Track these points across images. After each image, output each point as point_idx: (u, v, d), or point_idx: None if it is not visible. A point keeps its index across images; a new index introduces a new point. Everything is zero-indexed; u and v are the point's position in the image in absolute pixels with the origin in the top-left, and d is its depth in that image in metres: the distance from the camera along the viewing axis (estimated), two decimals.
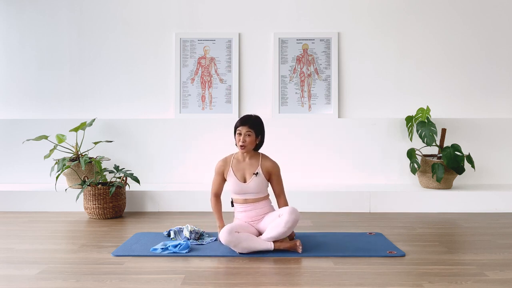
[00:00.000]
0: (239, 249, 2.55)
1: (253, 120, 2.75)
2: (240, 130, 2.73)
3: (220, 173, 2.82)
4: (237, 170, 2.77)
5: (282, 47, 4.51)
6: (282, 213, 2.62)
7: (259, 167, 2.75)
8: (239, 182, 2.74)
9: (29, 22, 4.56)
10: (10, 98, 4.59)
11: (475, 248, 2.74)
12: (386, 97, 4.51)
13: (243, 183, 2.74)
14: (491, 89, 4.50)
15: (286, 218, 2.56)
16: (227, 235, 2.52)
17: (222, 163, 2.82)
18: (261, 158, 2.79)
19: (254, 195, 2.75)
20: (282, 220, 2.57)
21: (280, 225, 2.56)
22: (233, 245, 2.54)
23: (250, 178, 2.73)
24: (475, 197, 3.87)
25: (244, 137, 2.72)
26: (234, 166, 2.78)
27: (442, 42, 4.49)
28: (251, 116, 2.77)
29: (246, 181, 2.74)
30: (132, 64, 4.56)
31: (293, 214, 2.58)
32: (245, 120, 2.75)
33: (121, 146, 4.44)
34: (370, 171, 4.40)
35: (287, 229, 2.56)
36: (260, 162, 2.77)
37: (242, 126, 2.73)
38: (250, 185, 2.73)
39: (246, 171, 2.76)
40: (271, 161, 2.80)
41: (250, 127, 2.71)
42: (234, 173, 2.76)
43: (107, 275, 2.24)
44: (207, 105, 4.53)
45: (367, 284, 2.11)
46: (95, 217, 3.62)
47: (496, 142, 4.41)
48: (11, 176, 4.47)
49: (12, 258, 2.55)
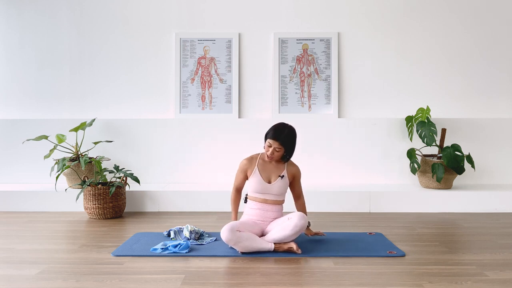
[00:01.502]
0: (239, 248, 2.55)
1: (286, 136, 2.69)
2: (270, 143, 2.69)
3: (243, 171, 2.81)
4: (263, 170, 2.77)
5: (282, 47, 4.51)
6: (291, 217, 2.63)
7: (285, 170, 2.78)
8: (263, 182, 2.74)
9: (29, 22, 4.56)
10: (10, 98, 4.59)
11: (475, 248, 2.74)
12: (386, 97, 4.51)
13: (268, 183, 2.75)
14: (491, 89, 4.50)
15: (295, 222, 2.57)
16: (228, 233, 2.52)
17: (247, 162, 2.81)
18: (287, 162, 2.82)
19: (274, 197, 2.77)
20: (291, 224, 2.58)
21: (288, 228, 2.57)
22: (233, 243, 2.54)
23: (275, 180, 2.75)
24: (475, 197, 3.87)
25: (273, 151, 2.70)
26: (260, 165, 2.78)
27: (442, 42, 4.49)
28: (285, 131, 2.69)
29: (271, 182, 2.76)
30: (132, 64, 4.56)
31: (303, 220, 2.59)
32: (278, 135, 2.67)
33: (121, 146, 4.44)
34: (370, 171, 4.40)
35: (293, 233, 2.57)
36: (286, 165, 2.80)
37: (273, 141, 2.68)
38: (274, 187, 2.74)
39: (272, 172, 2.77)
40: (295, 166, 2.84)
41: (281, 144, 2.68)
42: (260, 173, 2.76)
43: (107, 275, 2.24)
44: (207, 105, 4.53)
45: (367, 284, 2.11)
46: (95, 217, 3.62)
47: (496, 142, 4.41)
48: (11, 176, 4.47)
49: (12, 258, 2.55)
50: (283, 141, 2.68)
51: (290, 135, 2.72)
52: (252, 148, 4.38)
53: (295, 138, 2.76)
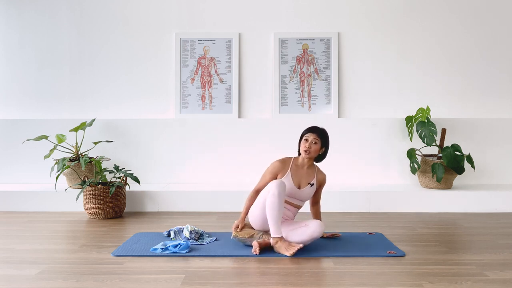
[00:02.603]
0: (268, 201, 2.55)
1: (321, 130, 2.80)
2: (307, 137, 2.76)
3: (274, 173, 2.77)
4: (295, 174, 2.77)
5: (282, 47, 4.51)
6: (308, 224, 2.63)
7: (314, 178, 2.80)
8: (294, 186, 2.75)
9: (29, 22, 4.56)
10: (10, 98, 4.59)
11: (475, 248, 2.74)
12: (386, 97, 4.51)
13: (297, 189, 2.76)
14: (491, 89, 4.50)
15: (313, 229, 2.59)
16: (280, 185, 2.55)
17: (281, 164, 2.78)
18: (316, 170, 2.84)
19: (298, 202, 2.79)
20: (308, 231, 2.59)
21: (305, 234, 2.59)
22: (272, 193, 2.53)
23: (305, 186, 2.77)
24: (475, 197, 3.87)
25: (310, 144, 2.74)
26: (293, 170, 2.78)
27: (442, 42, 4.49)
28: (319, 127, 2.81)
29: (300, 188, 2.76)
30: (132, 64, 4.56)
31: (321, 227, 2.60)
32: (314, 128, 2.79)
33: (121, 146, 4.44)
34: (370, 171, 4.40)
35: (310, 239, 2.59)
36: (316, 173, 2.82)
37: (310, 133, 2.77)
38: (302, 193, 2.76)
39: (303, 178, 2.78)
40: (324, 174, 2.87)
41: (318, 135, 2.76)
42: (292, 177, 2.76)
43: (107, 275, 2.24)
44: (207, 105, 4.53)
45: (367, 284, 2.10)
46: (95, 217, 3.62)
47: (496, 142, 4.41)
48: (11, 176, 4.47)
49: (12, 258, 2.55)
50: (319, 133, 2.76)
51: (325, 131, 2.82)
52: (252, 148, 4.42)
53: (329, 137, 2.84)
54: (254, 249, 2.57)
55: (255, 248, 2.56)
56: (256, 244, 2.57)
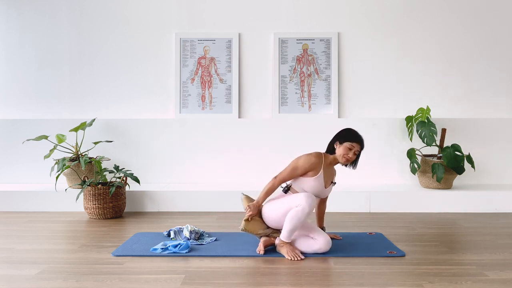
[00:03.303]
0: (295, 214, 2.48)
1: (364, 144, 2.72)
2: (353, 146, 2.66)
3: (307, 170, 2.65)
4: (325, 174, 2.73)
5: (282, 47, 4.51)
6: (317, 239, 2.59)
7: (335, 176, 2.82)
8: (323, 186, 2.71)
9: (29, 22, 4.56)
10: (10, 98, 4.59)
11: (475, 248, 2.74)
12: (386, 97, 4.51)
13: (324, 188, 2.74)
14: (491, 89, 4.50)
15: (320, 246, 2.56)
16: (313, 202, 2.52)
17: (318, 162, 2.66)
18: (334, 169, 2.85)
19: (318, 200, 2.83)
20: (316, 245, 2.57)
21: (311, 248, 2.57)
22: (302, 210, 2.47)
23: (329, 185, 2.77)
24: (475, 197, 3.87)
25: (353, 154, 2.67)
26: (324, 169, 2.72)
27: (442, 42, 4.49)
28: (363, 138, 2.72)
29: (326, 187, 2.75)
30: (132, 64, 4.56)
31: (328, 246, 2.58)
32: (360, 140, 2.69)
33: (121, 146, 4.44)
34: (370, 171, 4.40)
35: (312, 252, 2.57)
36: (335, 172, 2.83)
37: (356, 144, 2.66)
38: (327, 191, 2.77)
39: (329, 178, 2.76)
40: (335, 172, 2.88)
41: (362, 149, 2.71)
42: (324, 177, 2.71)
43: (107, 275, 2.24)
44: (207, 105, 4.53)
45: (367, 284, 2.10)
46: (95, 217, 3.62)
47: (496, 142, 4.41)
48: (11, 176, 4.47)
49: (12, 258, 2.55)
50: (363, 147, 2.71)
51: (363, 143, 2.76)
52: (252, 148, 4.42)
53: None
54: (258, 249, 2.57)
55: (260, 248, 2.57)
56: (261, 245, 2.58)
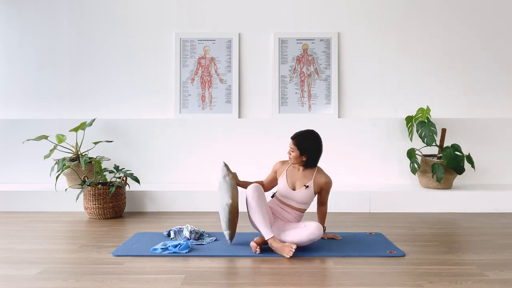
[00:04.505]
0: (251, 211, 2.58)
1: (301, 137, 2.71)
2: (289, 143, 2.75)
3: (274, 171, 2.87)
4: (290, 175, 2.77)
5: (282, 47, 4.51)
6: (308, 225, 2.60)
7: (311, 181, 2.74)
8: (288, 188, 2.74)
9: (29, 22, 4.56)
10: (10, 98, 4.59)
11: (475, 248, 2.74)
12: (386, 97, 4.51)
13: (292, 190, 2.74)
14: (491, 89, 4.50)
15: (311, 230, 2.54)
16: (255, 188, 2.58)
17: (280, 164, 2.87)
18: (316, 172, 2.77)
19: (297, 204, 2.76)
20: (307, 231, 2.55)
21: (303, 234, 2.55)
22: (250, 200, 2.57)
23: (300, 188, 2.73)
24: (475, 197, 3.87)
25: (289, 151, 2.74)
26: (289, 171, 2.79)
27: (442, 42, 4.49)
28: (303, 133, 2.73)
29: (295, 189, 2.74)
30: (132, 64, 4.56)
31: (319, 230, 2.55)
32: (294, 135, 2.75)
33: (121, 146, 4.44)
34: (370, 171, 4.40)
35: (308, 240, 2.55)
36: (314, 176, 2.76)
37: (291, 140, 2.74)
38: (296, 195, 2.73)
39: (298, 180, 2.76)
40: (325, 177, 2.77)
41: (295, 143, 2.71)
42: (286, 178, 2.77)
43: (107, 275, 2.24)
44: (207, 105, 4.53)
45: (367, 284, 2.10)
46: (95, 217, 3.62)
47: (496, 142, 4.41)
48: (11, 176, 4.47)
49: (12, 258, 2.55)
50: (297, 141, 2.70)
51: (307, 137, 2.72)
52: (252, 148, 4.42)
53: (315, 142, 2.72)
54: (254, 250, 2.57)
55: (255, 249, 2.56)
56: (254, 245, 2.57)
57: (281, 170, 2.82)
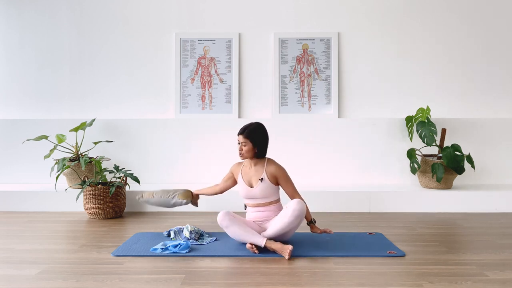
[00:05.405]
0: (229, 232, 2.63)
1: (249, 129, 2.76)
2: (238, 140, 2.79)
3: (230, 172, 2.94)
4: (245, 175, 2.82)
5: (282, 47, 4.52)
6: (288, 205, 2.63)
7: (264, 172, 2.76)
8: (246, 187, 2.78)
9: (29, 22, 4.56)
10: (10, 98, 4.59)
11: (475, 248, 2.74)
12: (386, 97, 4.51)
13: (250, 187, 2.77)
14: (491, 89, 4.50)
15: (293, 207, 2.56)
16: (223, 214, 2.62)
17: (236, 166, 2.92)
18: (266, 164, 2.80)
19: (263, 200, 2.77)
20: (289, 210, 2.57)
21: (287, 215, 2.56)
22: (225, 225, 2.62)
23: (257, 184, 2.75)
24: (475, 197, 3.87)
25: (240, 146, 2.77)
26: (243, 171, 2.84)
27: (442, 42, 4.49)
28: (249, 126, 2.78)
29: (253, 186, 2.77)
30: (132, 64, 4.56)
31: (300, 204, 2.57)
32: (241, 129, 2.78)
33: (121, 146, 4.44)
34: (370, 171, 4.40)
35: (294, 218, 2.54)
36: (265, 167, 2.78)
37: (239, 136, 2.78)
38: (256, 191, 2.75)
39: (252, 177, 2.79)
40: (275, 165, 2.78)
41: (245, 137, 2.75)
42: (243, 178, 2.82)
43: (107, 275, 2.24)
44: (207, 105, 4.54)
45: (367, 284, 2.10)
46: (95, 217, 3.62)
47: (496, 142, 4.41)
48: (11, 176, 4.47)
49: (12, 258, 2.55)
50: (246, 134, 2.74)
51: (254, 128, 2.77)
52: None
53: (262, 132, 2.79)
54: (252, 251, 2.57)
55: (252, 250, 2.56)
56: (250, 246, 2.58)
57: (237, 171, 2.87)
